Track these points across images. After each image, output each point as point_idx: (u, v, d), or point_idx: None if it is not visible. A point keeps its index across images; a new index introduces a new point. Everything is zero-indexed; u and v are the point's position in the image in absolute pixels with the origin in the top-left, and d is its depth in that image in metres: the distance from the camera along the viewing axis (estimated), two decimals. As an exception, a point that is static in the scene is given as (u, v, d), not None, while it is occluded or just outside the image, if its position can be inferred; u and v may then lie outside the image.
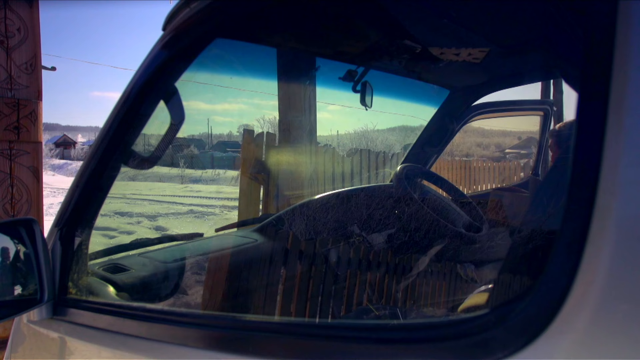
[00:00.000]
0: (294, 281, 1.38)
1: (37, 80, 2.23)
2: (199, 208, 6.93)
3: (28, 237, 0.98)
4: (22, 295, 0.99)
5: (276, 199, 3.10)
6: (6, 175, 2.12)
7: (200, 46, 0.89)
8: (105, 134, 0.94)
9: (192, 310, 0.78)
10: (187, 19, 0.83)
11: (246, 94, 2.55)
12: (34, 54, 2.23)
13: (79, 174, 1.00)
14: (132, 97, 0.89)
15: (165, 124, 0.96)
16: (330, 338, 0.57)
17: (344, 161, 3.84)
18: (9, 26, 2.15)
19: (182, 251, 1.34)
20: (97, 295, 1.03)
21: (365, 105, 1.67)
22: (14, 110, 2.11)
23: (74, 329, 0.95)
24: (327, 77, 1.98)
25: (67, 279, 1.02)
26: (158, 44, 0.89)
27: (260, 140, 3.28)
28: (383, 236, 1.75)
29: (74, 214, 1.01)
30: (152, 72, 0.88)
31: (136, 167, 0.98)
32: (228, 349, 0.70)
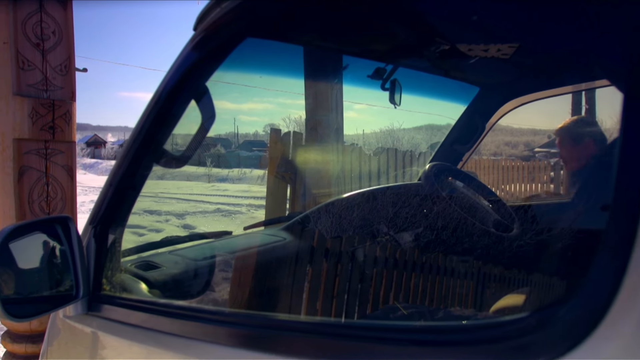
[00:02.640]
0: (321, 280, 1.38)
1: (71, 82, 2.28)
2: (226, 207, 7.00)
3: (64, 235, 1.01)
4: (58, 291, 1.02)
5: (303, 198, 3.11)
6: (42, 174, 2.17)
7: (231, 46, 0.89)
8: (138, 133, 0.95)
9: (224, 309, 0.79)
10: (218, 18, 0.84)
11: (272, 94, 2.56)
12: (68, 55, 2.28)
13: (112, 173, 1.02)
14: (164, 97, 0.91)
15: (196, 123, 0.97)
16: (363, 339, 0.56)
17: (370, 160, 3.82)
18: (44, 29, 2.20)
19: (212, 249, 1.35)
20: (130, 292, 1.04)
21: (394, 103, 1.66)
22: (49, 111, 2.17)
23: (108, 325, 0.97)
24: (353, 75, 1.97)
25: (101, 276, 1.04)
26: (189, 44, 0.90)
27: (287, 139, 3.29)
28: (411, 235, 1.74)
29: (108, 212, 1.03)
30: (184, 72, 0.89)
31: (168, 166, 0.99)
32: (260, 348, 0.70)
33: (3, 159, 2.14)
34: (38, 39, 2.20)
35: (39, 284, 1.02)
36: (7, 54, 2.12)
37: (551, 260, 1.10)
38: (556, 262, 1.03)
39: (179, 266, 1.19)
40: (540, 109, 2.31)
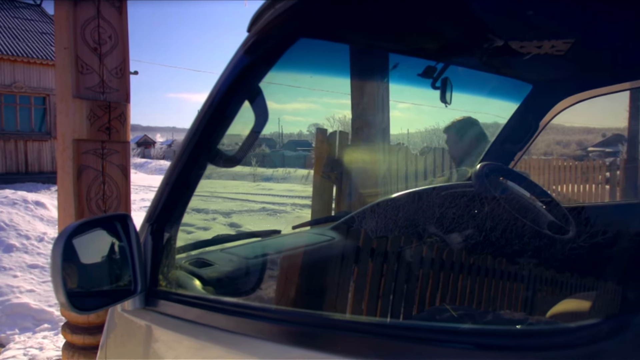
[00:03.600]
0: (369, 279, 1.38)
1: (125, 84, 2.37)
2: (271, 206, 7.10)
3: (123, 231, 1.05)
4: (118, 285, 1.06)
5: (349, 198, 3.10)
6: (99, 173, 2.26)
7: (284, 46, 0.90)
8: (193, 134, 0.98)
9: (278, 307, 0.80)
10: (272, 20, 0.85)
11: (315, 93, 2.56)
12: (123, 59, 2.36)
13: (168, 172, 1.05)
14: (219, 98, 0.93)
15: (249, 123, 0.98)
16: (423, 341, 0.55)
17: (417, 160, 3.78)
18: (101, 34, 2.29)
19: (262, 248, 1.37)
20: (185, 288, 1.07)
21: (445, 102, 1.63)
22: (105, 112, 2.26)
23: (164, 320, 1.00)
24: (401, 74, 1.95)
25: (157, 272, 1.07)
26: (243, 45, 0.91)
27: (333, 139, 3.29)
28: (461, 236, 1.71)
29: (164, 210, 1.06)
30: (238, 73, 0.91)
31: (222, 166, 1.01)
32: (314, 347, 0.71)
33: (63, 158, 2.24)
34: (96, 44, 2.29)
35: (99, 279, 1.06)
36: (68, 58, 2.22)
37: (612, 264, 1.05)
38: (618, 266, 0.98)
39: (232, 264, 1.22)
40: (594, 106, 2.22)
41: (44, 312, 4.60)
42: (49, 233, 5.94)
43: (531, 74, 1.97)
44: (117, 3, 2.38)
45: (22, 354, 4.05)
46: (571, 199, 6.04)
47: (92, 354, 2.35)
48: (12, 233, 5.70)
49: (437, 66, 1.54)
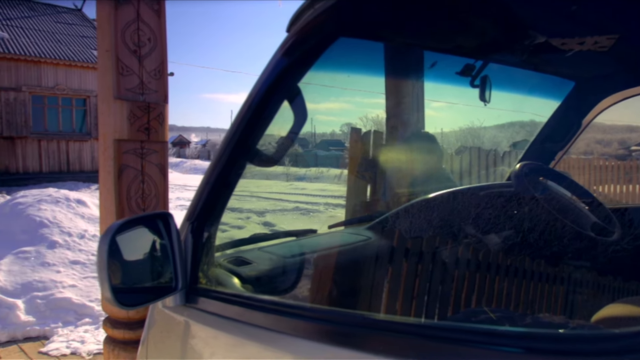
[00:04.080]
0: (407, 279, 1.37)
1: (164, 85, 2.42)
2: (304, 205, 7.13)
3: (164, 230, 1.07)
4: (159, 282, 1.08)
5: (383, 197, 3.09)
6: (138, 172, 2.32)
7: (323, 46, 0.90)
8: (232, 133, 0.99)
9: (318, 306, 0.80)
10: (311, 19, 0.85)
11: (348, 93, 2.56)
12: (161, 60, 2.42)
13: (208, 171, 1.07)
14: (258, 98, 0.93)
15: (288, 123, 0.99)
16: (469, 343, 0.55)
17: (452, 159, 3.72)
18: (141, 36, 2.35)
19: (300, 246, 1.38)
20: (224, 286, 1.09)
21: (485, 101, 1.60)
22: (145, 113, 2.31)
23: (205, 317, 1.02)
24: (436, 72, 1.93)
25: (197, 270, 1.09)
26: (283, 46, 0.92)
27: (367, 139, 3.28)
28: (499, 237, 1.67)
29: (204, 209, 1.08)
30: (278, 73, 0.91)
31: (261, 165, 1.02)
32: (356, 347, 0.71)
33: (105, 158, 2.31)
34: (135, 46, 2.34)
35: (141, 275, 1.09)
36: (109, 61, 2.28)
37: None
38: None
39: (269, 262, 1.23)
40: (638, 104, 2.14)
41: (85, 307, 4.75)
42: (90, 230, 6.13)
43: (574, 71, 1.92)
44: (155, 6, 2.43)
45: (65, 346, 4.19)
46: (613, 200, 5.84)
47: (132, 348, 2.41)
48: (56, 230, 5.91)
49: (476, 64, 1.51)
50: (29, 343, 4.31)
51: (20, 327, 4.45)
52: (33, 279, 4.97)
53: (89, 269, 5.39)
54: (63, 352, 4.11)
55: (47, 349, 4.16)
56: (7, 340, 4.35)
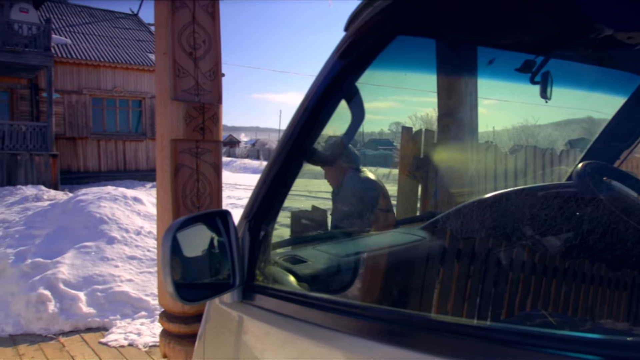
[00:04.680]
0: (465, 280, 1.35)
1: (218, 86, 2.48)
2: (353, 204, 7.12)
3: (223, 227, 1.09)
4: (217, 279, 1.10)
5: (435, 197, 3.03)
6: (193, 171, 2.39)
7: (382, 44, 0.90)
8: (291, 133, 1.00)
9: (378, 306, 0.80)
10: (370, 17, 0.84)
11: (397, 91, 2.53)
12: (216, 62, 2.47)
13: (266, 170, 1.09)
14: (317, 97, 0.94)
15: (345, 122, 0.99)
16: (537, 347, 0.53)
17: (507, 158, 3.61)
18: (196, 39, 2.41)
19: (354, 245, 1.38)
20: (281, 284, 1.10)
21: (546, 98, 1.54)
22: (200, 113, 2.38)
23: (262, 314, 1.03)
24: (490, 69, 1.88)
25: (254, 267, 1.11)
26: (341, 45, 0.92)
27: (418, 138, 3.23)
28: (559, 239, 1.61)
29: (261, 207, 1.09)
30: (336, 72, 0.91)
31: (318, 164, 1.03)
32: (415, 347, 0.70)
33: (162, 157, 2.39)
34: (191, 48, 2.41)
35: (200, 271, 1.12)
36: (166, 63, 2.36)
37: None
38: None
39: (325, 261, 1.23)
40: None
41: (141, 301, 4.93)
42: (146, 227, 6.36)
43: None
44: (210, 8, 2.49)
45: (122, 338, 4.37)
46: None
47: (186, 342, 2.49)
48: (114, 226, 6.16)
49: (536, 60, 1.46)
50: (90, 333, 4.52)
51: (82, 318, 4.67)
52: (93, 273, 5.21)
53: (145, 265, 5.59)
54: (121, 343, 4.29)
55: (106, 340, 4.35)
56: (70, 330, 4.58)
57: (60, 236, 5.97)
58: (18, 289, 4.97)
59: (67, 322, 4.61)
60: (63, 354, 4.08)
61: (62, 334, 4.50)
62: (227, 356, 1.16)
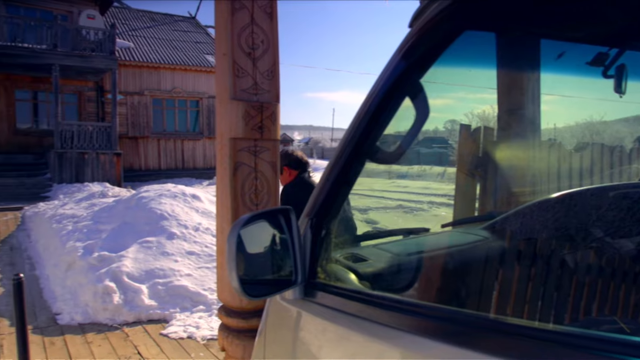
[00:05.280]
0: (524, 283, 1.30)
1: (276, 85, 2.51)
2: (407, 203, 7.03)
3: (286, 225, 1.10)
4: (280, 275, 1.12)
5: (495, 197, 2.94)
6: (252, 169, 2.43)
7: (448, 40, 0.88)
8: (354, 131, 1.00)
9: (443, 306, 0.78)
10: (437, 13, 0.83)
11: (453, 88, 2.47)
12: (273, 61, 2.51)
13: (328, 169, 1.09)
14: (381, 94, 0.93)
15: (409, 120, 0.98)
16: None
17: (571, 157, 3.45)
18: (255, 39, 2.45)
19: (415, 245, 1.36)
20: (342, 282, 1.10)
21: (620, 92, 1.46)
22: (258, 113, 2.41)
23: (323, 311, 1.04)
24: (556, 64, 1.80)
25: (316, 265, 1.11)
26: (406, 41, 0.90)
27: (477, 135, 3.15)
28: (632, 242, 1.53)
29: (323, 205, 1.10)
30: (401, 69, 0.90)
31: (381, 163, 1.02)
32: (482, 349, 0.68)
33: (222, 155, 2.45)
34: (250, 49, 2.45)
35: (262, 268, 1.14)
36: (226, 64, 2.41)
37: None
38: None
39: (386, 260, 1.23)
40: None
41: (199, 295, 5.08)
42: (204, 223, 6.55)
43: None
44: (268, 9, 2.53)
45: (182, 330, 4.53)
46: None
47: (244, 336, 2.54)
48: (174, 222, 6.38)
49: (610, 52, 1.38)
50: (152, 325, 4.71)
51: (144, 310, 4.87)
52: (155, 267, 5.42)
53: (203, 260, 5.76)
54: (180, 335, 4.44)
55: (167, 332, 4.51)
56: (134, 321, 4.79)
57: (124, 231, 6.26)
58: (86, 281, 5.24)
59: (131, 313, 4.82)
60: (127, 344, 4.27)
61: (126, 325, 4.71)
62: (288, 352, 1.18)
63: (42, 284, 5.95)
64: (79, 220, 7.50)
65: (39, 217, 9.39)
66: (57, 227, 7.56)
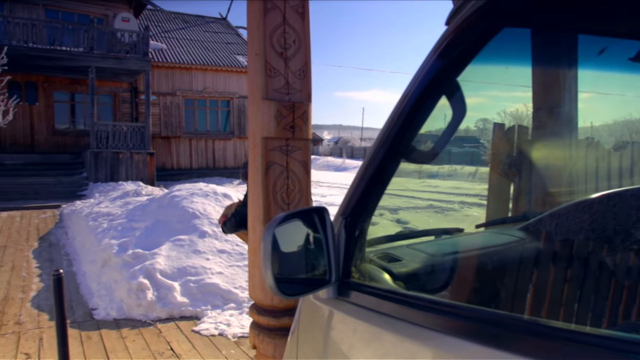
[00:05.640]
0: (561, 285, 1.27)
1: (307, 85, 2.51)
2: (438, 203, 6.96)
3: (320, 224, 1.11)
4: (314, 274, 1.12)
5: (529, 197, 2.88)
6: (283, 169, 2.45)
7: (487, 37, 0.86)
8: (389, 130, 0.99)
9: (483, 308, 0.77)
10: (476, 9, 0.81)
11: (483, 87, 2.43)
12: (305, 61, 2.51)
13: (362, 168, 1.09)
14: (417, 93, 0.92)
15: (445, 119, 0.97)
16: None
17: (610, 156, 3.35)
18: (287, 39, 2.47)
19: (450, 245, 1.35)
20: (377, 282, 1.10)
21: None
22: (290, 112, 2.43)
23: (358, 311, 1.04)
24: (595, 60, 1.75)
25: (349, 264, 1.11)
26: (443, 39, 0.89)
27: (511, 134, 3.08)
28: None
29: (357, 205, 1.09)
30: (438, 68, 0.89)
31: (417, 162, 1.01)
32: (524, 353, 0.67)
33: (254, 155, 2.47)
34: (282, 49, 2.47)
35: (296, 267, 1.14)
36: (258, 64, 2.43)
37: None
38: None
39: (420, 260, 1.21)
40: None
41: (230, 293, 5.15)
42: (234, 222, 6.62)
43: None
44: (300, 9, 2.54)
45: (213, 327, 4.59)
46: None
47: (275, 334, 2.56)
48: (205, 221, 6.48)
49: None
50: (184, 322, 4.79)
51: (177, 307, 4.96)
52: (187, 265, 5.51)
53: (234, 258, 5.83)
54: (212, 332, 4.50)
55: (198, 329, 4.59)
56: (166, 317, 4.88)
57: (157, 229, 6.38)
58: (121, 277, 5.37)
59: (164, 309, 4.92)
60: (160, 340, 4.36)
61: (159, 321, 4.81)
62: (321, 351, 1.18)
63: (79, 280, 6.12)
64: (114, 218, 7.69)
65: (76, 215, 9.68)
66: (93, 225, 7.77)
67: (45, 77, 16.56)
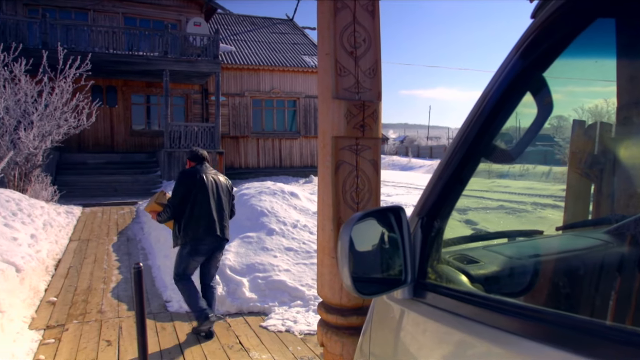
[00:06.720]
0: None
1: (377, 83, 2.50)
2: (509, 204, 6.70)
3: (396, 223, 1.10)
4: (389, 274, 1.11)
5: (612, 199, 2.71)
6: (353, 168, 2.45)
7: (578, 29, 0.82)
8: (470, 128, 0.96)
9: (569, 313, 0.73)
10: (567, 0, 0.77)
11: (558, 82, 2.30)
12: (375, 60, 2.50)
13: (440, 167, 1.07)
14: (500, 90, 0.89)
15: (529, 116, 0.93)
16: None
17: None
18: (357, 38, 2.46)
19: (530, 247, 1.29)
20: (454, 284, 1.07)
21: None
22: (360, 111, 2.42)
23: (435, 313, 1.02)
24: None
25: (425, 265, 1.09)
26: (530, 32, 0.86)
27: (592, 132, 2.91)
28: None
29: (434, 205, 1.07)
30: (523, 63, 0.86)
31: (498, 162, 0.98)
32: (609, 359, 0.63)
33: (324, 154, 2.49)
34: (352, 48, 2.47)
35: (371, 266, 1.14)
36: (329, 63, 2.44)
37: None
38: None
39: (498, 262, 1.17)
40: None
41: (297, 290, 5.22)
42: (301, 221, 6.71)
43: None
44: (370, 7, 2.52)
45: (280, 324, 4.67)
46: None
47: (342, 333, 2.56)
48: (273, 219, 6.61)
49: None
50: (252, 317, 4.91)
51: (245, 302, 5.10)
52: (255, 261, 5.64)
53: (300, 256, 5.90)
54: (279, 328, 4.59)
55: (266, 324, 4.68)
56: (236, 312, 5.03)
57: (227, 226, 6.57)
58: (193, 272, 5.59)
59: (233, 304, 5.07)
60: (229, 333, 4.49)
61: (229, 315, 4.96)
62: (395, 351, 1.17)
63: (154, 273, 6.43)
64: (187, 215, 7.99)
65: (152, 211, 10.15)
66: (167, 221, 8.12)
67: (123, 81, 17.56)
